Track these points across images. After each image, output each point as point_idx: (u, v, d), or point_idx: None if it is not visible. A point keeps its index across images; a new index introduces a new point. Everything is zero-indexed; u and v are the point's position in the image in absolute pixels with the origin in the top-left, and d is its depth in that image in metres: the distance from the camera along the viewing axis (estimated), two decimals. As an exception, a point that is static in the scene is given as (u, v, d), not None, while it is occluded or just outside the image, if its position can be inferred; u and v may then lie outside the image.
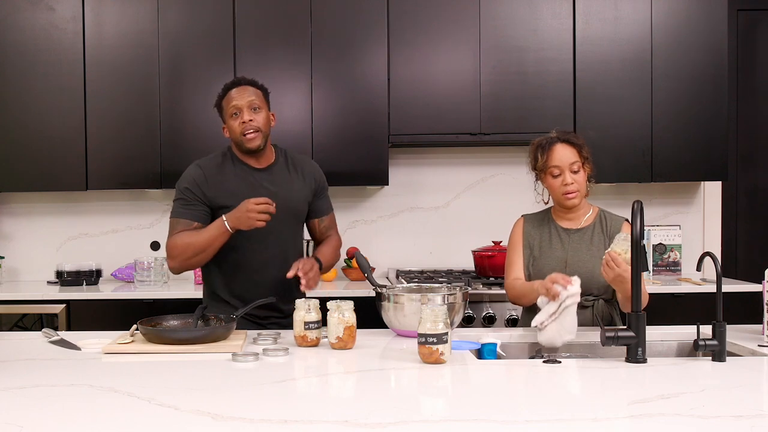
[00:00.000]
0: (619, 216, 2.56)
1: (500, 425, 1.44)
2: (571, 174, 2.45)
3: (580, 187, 2.47)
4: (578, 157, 2.46)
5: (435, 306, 1.97)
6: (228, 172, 2.53)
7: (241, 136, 2.49)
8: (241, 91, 2.51)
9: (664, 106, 3.82)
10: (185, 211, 2.49)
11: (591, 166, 2.52)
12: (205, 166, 2.54)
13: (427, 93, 3.79)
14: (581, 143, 2.50)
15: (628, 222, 2.53)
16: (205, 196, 2.49)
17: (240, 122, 2.48)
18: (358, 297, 2.61)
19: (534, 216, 2.62)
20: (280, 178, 2.58)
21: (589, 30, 3.81)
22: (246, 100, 2.49)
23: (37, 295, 3.57)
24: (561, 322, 2.17)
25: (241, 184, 2.52)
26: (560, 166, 2.45)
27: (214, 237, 2.41)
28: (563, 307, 2.16)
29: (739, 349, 2.21)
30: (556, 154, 2.46)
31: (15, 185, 3.85)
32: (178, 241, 2.45)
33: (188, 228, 2.47)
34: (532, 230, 2.57)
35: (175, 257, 2.46)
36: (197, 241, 2.43)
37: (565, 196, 2.46)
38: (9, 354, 2.13)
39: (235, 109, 2.49)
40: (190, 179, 2.51)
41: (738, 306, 3.40)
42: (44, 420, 1.50)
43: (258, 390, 1.71)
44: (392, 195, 4.16)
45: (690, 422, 1.45)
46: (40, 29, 3.77)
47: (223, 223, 2.39)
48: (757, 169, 4.42)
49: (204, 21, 3.78)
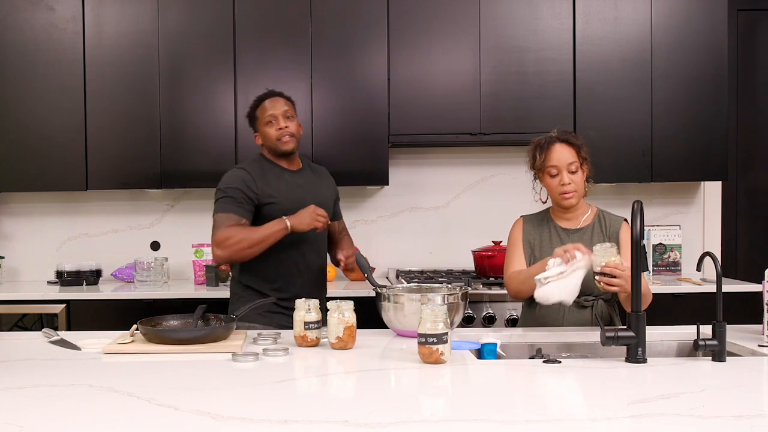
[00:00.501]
0: (618, 216, 2.56)
1: (500, 425, 1.44)
2: (569, 174, 2.46)
3: (578, 188, 2.47)
4: (576, 158, 2.47)
5: (435, 306, 1.97)
6: (268, 174, 2.75)
7: (276, 141, 2.75)
8: (275, 101, 2.80)
9: (664, 106, 3.82)
10: (236, 208, 2.64)
11: (589, 167, 2.53)
12: (249, 169, 2.74)
13: (427, 93, 3.79)
14: (580, 143, 2.51)
15: (626, 222, 2.53)
16: (255, 194, 2.67)
17: (276, 129, 2.76)
18: (358, 297, 2.62)
19: (533, 216, 2.63)
20: (310, 180, 2.86)
21: (589, 30, 3.81)
22: (281, 110, 2.77)
23: (37, 295, 3.57)
24: (566, 282, 2.20)
25: (280, 184, 2.74)
26: (558, 165, 2.46)
27: (272, 233, 2.59)
28: (574, 269, 2.21)
29: (739, 349, 2.21)
30: (554, 154, 2.47)
31: (15, 185, 3.85)
32: (233, 233, 2.60)
33: (238, 223, 2.62)
34: (532, 230, 2.57)
35: (227, 247, 2.60)
36: (254, 236, 2.60)
37: (563, 196, 2.46)
38: (9, 354, 2.13)
39: (271, 117, 2.77)
40: (239, 180, 2.69)
41: (738, 306, 3.40)
42: (44, 420, 1.50)
43: (258, 390, 1.71)
44: (392, 195, 4.16)
45: (690, 422, 1.45)
46: (40, 29, 3.77)
47: (284, 222, 2.59)
48: (757, 169, 4.42)
49: (204, 21, 3.78)
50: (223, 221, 2.63)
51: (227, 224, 2.61)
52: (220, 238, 2.60)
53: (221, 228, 2.61)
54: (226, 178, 2.74)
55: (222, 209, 2.65)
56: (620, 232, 2.50)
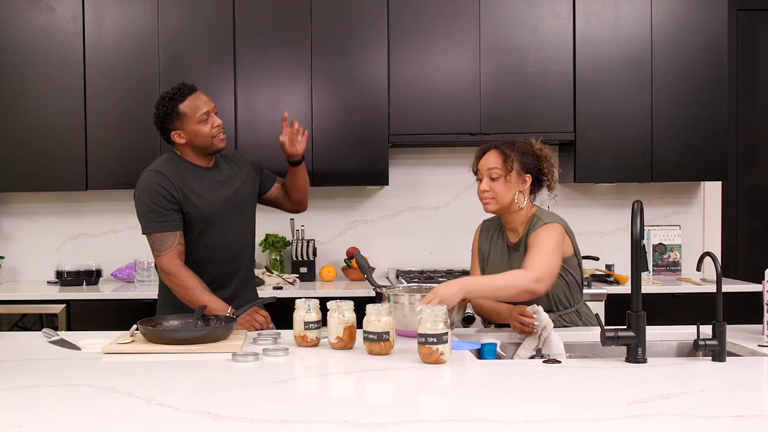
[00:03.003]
0: (543, 220, 2.37)
1: (500, 425, 1.44)
2: (489, 180, 2.40)
3: (496, 195, 2.38)
4: (501, 165, 2.38)
5: (435, 306, 1.97)
6: (186, 175, 2.61)
7: (212, 139, 2.61)
8: (200, 97, 2.64)
9: (664, 106, 3.82)
10: (170, 224, 2.54)
11: (525, 178, 2.40)
12: (166, 172, 2.58)
13: (427, 93, 3.79)
14: (515, 152, 2.39)
15: (546, 225, 2.35)
16: (177, 200, 2.55)
17: (212, 126, 2.61)
18: (358, 297, 2.62)
19: (490, 223, 2.60)
20: (228, 174, 2.71)
21: (589, 30, 3.81)
22: (211, 106, 2.63)
23: (37, 295, 3.58)
24: (548, 349, 2.19)
25: (199, 183, 2.61)
26: (480, 171, 2.44)
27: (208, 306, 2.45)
28: (543, 339, 2.21)
29: (739, 349, 2.21)
30: (481, 160, 2.44)
31: (15, 185, 3.85)
32: (183, 279, 2.51)
33: (178, 241, 2.54)
34: (485, 239, 2.57)
35: (170, 282, 2.54)
36: (193, 296, 2.50)
37: (482, 202, 2.43)
38: (9, 354, 2.13)
39: (205, 114, 2.60)
40: (158, 187, 2.55)
41: (738, 306, 3.40)
42: (44, 420, 1.50)
43: (258, 390, 1.71)
44: (392, 195, 4.16)
45: (690, 422, 1.45)
46: (40, 29, 3.77)
47: (225, 310, 2.46)
48: (757, 169, 4.42)
49: (204, 21, 3.78)
50: (162, 242, 2.52)
51: (173, 247, 2.52)
52: (169, 270, 2.52)
53: (170, 257, 2.52)
54: (144, 187, 2.57)
55: (156, 228, 2.53)
56: (530, 237, 2.36)
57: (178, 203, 2.56)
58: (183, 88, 2.65)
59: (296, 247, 3.95)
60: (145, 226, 2.57)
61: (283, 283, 3.77)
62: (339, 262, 4.11)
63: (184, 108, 2.60)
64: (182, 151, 2.67)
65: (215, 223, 2.62)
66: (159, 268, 2.57)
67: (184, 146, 2.64)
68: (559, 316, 2.42)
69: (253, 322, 2.55)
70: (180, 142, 2.63)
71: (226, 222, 2.64)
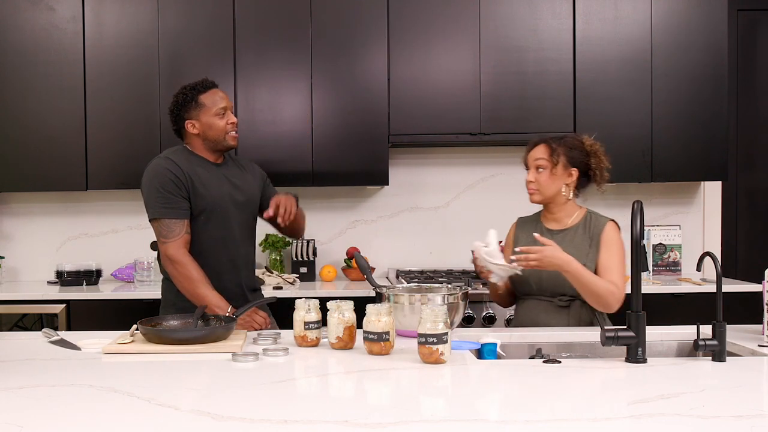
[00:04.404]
0: (605, 217, 2.55)
1: (500, 425, 1.44)
2: (534, 172, 2.52)
3: (540, 187, 2.51)
4: (547, 157, 2.50)
5: (435, 306, 1.97)
6: (195, 165, 2.64)
7: (225, 135, 2.66)
8: (221, 93, 2.69)
9: (664, 106, 3.82)
10: (178, 211, 2.55)
11: (571, 171, 2.50)
12: (177, 160, 2.61)
13: (427, 93, 3.79)
14: (561, 147, 2.50)
15: (613, 222, 2.52)
16: (186, 188, 2.57)
17: (227, 122, 2.67)
18: (358, 297, 2.62)
19: (527, 218, 2.69)
20: (236, 173, 2.75)
21: (589, 30, 3.81)
22: (229, 104, 2.69)
23: (37, 295, 3.57)
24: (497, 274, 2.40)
25: (207, 174, 2.64)
26: (527, 163, 2.56)
27: (206, 302, 2.46)
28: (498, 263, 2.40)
29: (739, 349, 2.21)
30: (531, 153, 2.55)
31: (15, 185, 3.85)
32: (188, 269, 2.51)
33: (185, 230, 2.55)
34: (522, 232, 2.63)
35: (175, 275, 2.54)
36: (197, 290, 2.50)
37: (528, 192, 2.54)
38: (9, 354, 2.12)
39: (223, 108, 2.66)
40: (168, 173, 2.57)
41: (738, 306, 3.39)
42: (44, 420, 1.50)
43: (258, 390, 1.71)
44: (392, 195, 4.16)
45: (690, 422, 1.45)
46: (40, 29, 3.77)
47: (226, 308, 2.47)
48: (757, 169, 4.42)
49: (204, 21, 3.78)
50: (170, 229, 2.53)
51: (180, 238, 2.53)
52: (176, 259, 2.52)
53: (177, 245, 2.52)
54: (155, 173, 2.58)
55: (165, 214, 2.54)
56: (602, 232, 2.49)
57: (187, 191, 2.57)
58: (205, 81, 2.70)
59: (296, 247, 3.95)
60: (154, 210, 2.57)
61: (283, 283, 3.77)
62: (339, 262, 4.11)
63: (204, 99, 2.65)
64: (192, 145, 2.69)
65: (218, 216, 2.62)
66: (165, 255, 2.56)
67: (195, 138, 2.67)
68: (581, 302, 2.46)
69: (252, 322, 2.54)
70: (193, 132, 2.66)
71: (228, 216, 2.65)
